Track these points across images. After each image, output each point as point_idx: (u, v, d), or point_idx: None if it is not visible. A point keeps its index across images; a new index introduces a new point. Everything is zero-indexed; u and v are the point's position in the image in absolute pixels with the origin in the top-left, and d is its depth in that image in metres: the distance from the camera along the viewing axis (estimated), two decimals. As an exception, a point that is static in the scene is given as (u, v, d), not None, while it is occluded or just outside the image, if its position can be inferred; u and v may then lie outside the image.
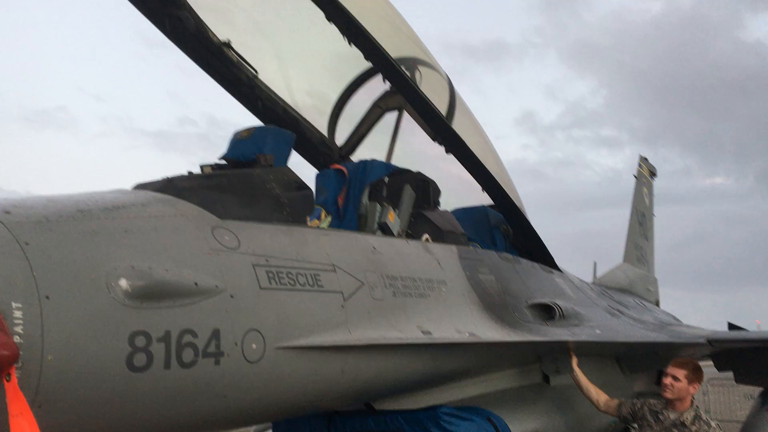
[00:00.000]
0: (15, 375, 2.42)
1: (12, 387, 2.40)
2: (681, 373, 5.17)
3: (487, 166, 5.75)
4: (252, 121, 5.88)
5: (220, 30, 5.43)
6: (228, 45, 5.46)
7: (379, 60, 4.96)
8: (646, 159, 15.17)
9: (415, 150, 6.14)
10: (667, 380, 5.19)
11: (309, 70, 6.30)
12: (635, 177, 14.53)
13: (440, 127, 5.46)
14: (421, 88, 5.19)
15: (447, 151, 5.63)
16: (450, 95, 5.77)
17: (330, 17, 4.56)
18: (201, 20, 5.28)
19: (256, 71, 5.72)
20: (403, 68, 5.06)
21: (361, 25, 4.60)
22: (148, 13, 5.13)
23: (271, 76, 5.88)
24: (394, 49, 5.07)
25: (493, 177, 5.85)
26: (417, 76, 5.42)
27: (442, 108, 5.49)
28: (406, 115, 6.14)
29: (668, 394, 5.18)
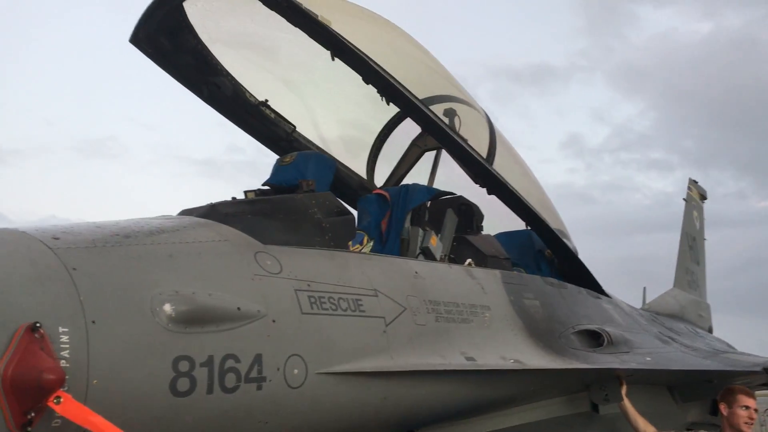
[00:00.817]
0: (67, 395, 2.46)
1: (69, 406, 2.44)
2: (755, 403, 5.04)
3: (530, 203, 5.70)
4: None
5: (257, 90, 5.55)
6: (265, 104, 5.56)
7: (418, 116, 4.97)
8: (695, 182, 14.82)
9: (457, 173, 6.11)
10: (750, 413, 5.02)
11: (345, 116, 6.36)
12: (685, 200, 14.20)
13: (481, 171, 5.41)
14: (461, 135, 5.15)
15: (489, 193, 5.59)
16: (490, 134, 5.74)
17: (368, 80, 4.60)
18: (238, 83, 5.42)
19: (293, 126, 5.82)
20: (442, 121, 5.02)
21: (400, 86, 4.62)
22: (186, 82, 5.30)
23: (308, 127, 5.96)
24: (431, 95, 5.11)
25: (537, 214, 5.78)
26: (456, 121, 5.40)
27: (483, 150, 5.45)
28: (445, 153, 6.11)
29: (750, 429, 5.03)
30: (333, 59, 4.42)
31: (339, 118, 6.33)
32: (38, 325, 2.46)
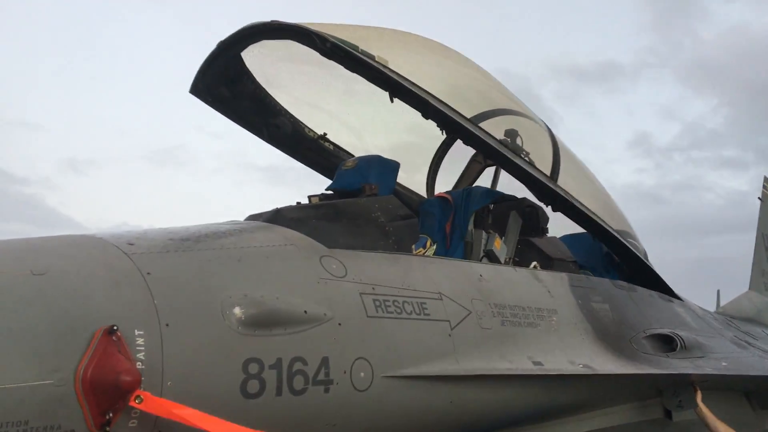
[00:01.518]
0: (147, 393, 2.54)
1: (151, 403, 2.53)
2: None
3: (596, 217, 5.59)
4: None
5: (316, 124, 5.62)
6: (324, 137, 5.63)
7: (480, 145, 4.92)
8: (771, 179, 14.23)
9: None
10: None
11: (402, 139, 6.30)
12: (760, 199, 13.65)
13: (546, 191, 5.30)
14: (525, 159, 5.09)
15: (554, 210, 5.50)
16: (553, 148, 5.64)
17: (427, 116, 4.58)
18: (297, 120, 5.49)
19: (352, 155, 5.83)
20: (505, 148, 4.95)
21: (461, 119, 4.59)
22: (246, 125, 5.41)
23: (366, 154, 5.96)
24: (490, 108, 5.11)
25: (604, 227, 5.68)
26: (519, 141, 5.33)
27: (546, 167, 5.35)
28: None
29: None
30: (392, 101, 4.43)
31: (396, 140, 6.30)
32: (115, 328, 2.54)
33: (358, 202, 4.20)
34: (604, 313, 5.25)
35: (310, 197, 4.62)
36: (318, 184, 5.67)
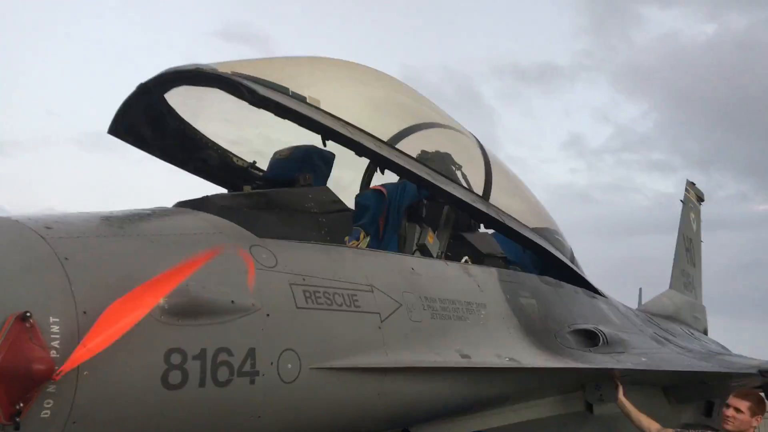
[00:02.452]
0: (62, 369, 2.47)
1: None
2: (744, 405, 4.92)
3: (528, 233, 5.73)
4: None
5: (244, 153, 5.35)
6: (254, 166, 5.36)
7: (414, 178, 4.86)
8: (693, 184, 14.86)
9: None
10: (729, 412, 4.93)
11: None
12: (682, 202, 14.24)
13: (479, 214, 5.36)
14: (460, 186, 5.16)
15: (486, 227, 5.59)
16: (484, 161, 5.71)
17: (360, 155, 4.52)
18: (225, 150, 5.18)
19: None
20: (441, 179, 4.94)
21: (394, 157, 4.60)
22: (170, 160, 5.04)
23: None
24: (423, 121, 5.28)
25: (533, 240, 5.82)
26: (453, 167, 5.37)
27: (479, 185, 5.45)
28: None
29: (729, 426, 4.92)
30: (324, 145, 4.36)
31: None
32: (28, 314, 2.43)
33: (290, 192, 4.15)
34: (531, 308, 5.36)
35: (242, 186, 4.53)
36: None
